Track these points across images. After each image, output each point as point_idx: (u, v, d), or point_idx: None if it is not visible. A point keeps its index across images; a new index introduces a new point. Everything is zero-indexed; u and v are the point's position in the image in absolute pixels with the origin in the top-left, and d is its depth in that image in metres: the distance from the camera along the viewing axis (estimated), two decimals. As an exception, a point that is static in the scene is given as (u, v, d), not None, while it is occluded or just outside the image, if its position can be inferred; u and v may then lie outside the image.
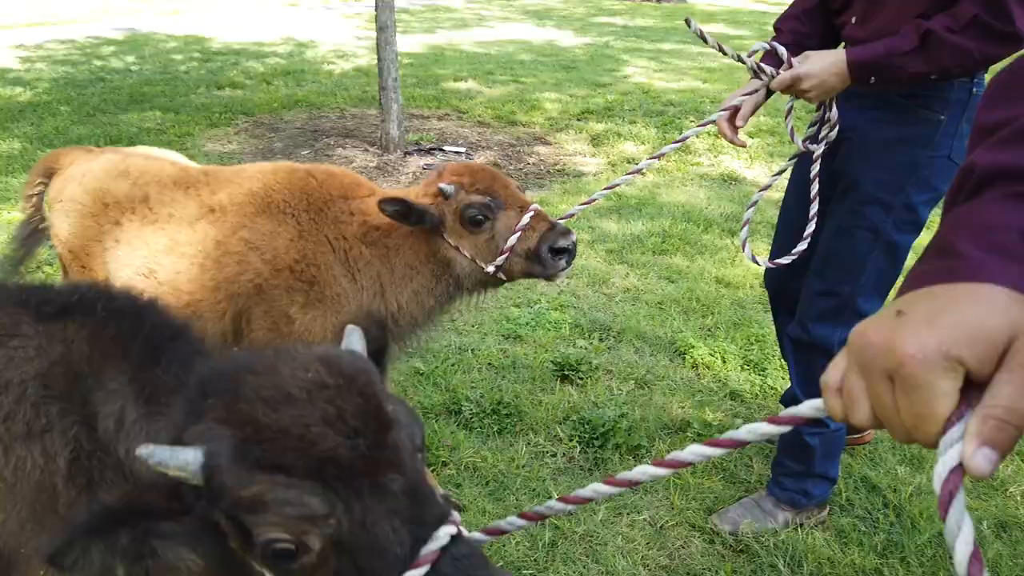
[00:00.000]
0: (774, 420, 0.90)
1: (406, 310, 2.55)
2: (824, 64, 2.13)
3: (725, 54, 2.27)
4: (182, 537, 1.06)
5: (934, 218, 2.83)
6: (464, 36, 15.55)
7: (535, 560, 2.64)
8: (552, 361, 3.82)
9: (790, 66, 2.18)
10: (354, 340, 1.22)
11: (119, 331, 1.31)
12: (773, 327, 3.20)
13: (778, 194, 5.22)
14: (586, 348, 4.01)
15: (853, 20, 2.27)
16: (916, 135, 2.25)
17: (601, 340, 4.11)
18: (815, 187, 2.42)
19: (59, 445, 1.23)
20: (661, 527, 2.82)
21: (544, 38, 15.55)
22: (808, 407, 0.87)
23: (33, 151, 6.88)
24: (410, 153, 7.32)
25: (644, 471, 1.00)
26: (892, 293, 2.43)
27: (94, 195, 2.53)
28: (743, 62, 2.24)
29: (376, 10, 7.04)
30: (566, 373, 3.74)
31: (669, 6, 22.43)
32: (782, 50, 2.21)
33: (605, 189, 2.77)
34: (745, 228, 2.64)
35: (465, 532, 1.08)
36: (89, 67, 10.93)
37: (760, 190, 2.67)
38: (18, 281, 1.95)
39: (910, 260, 2.34)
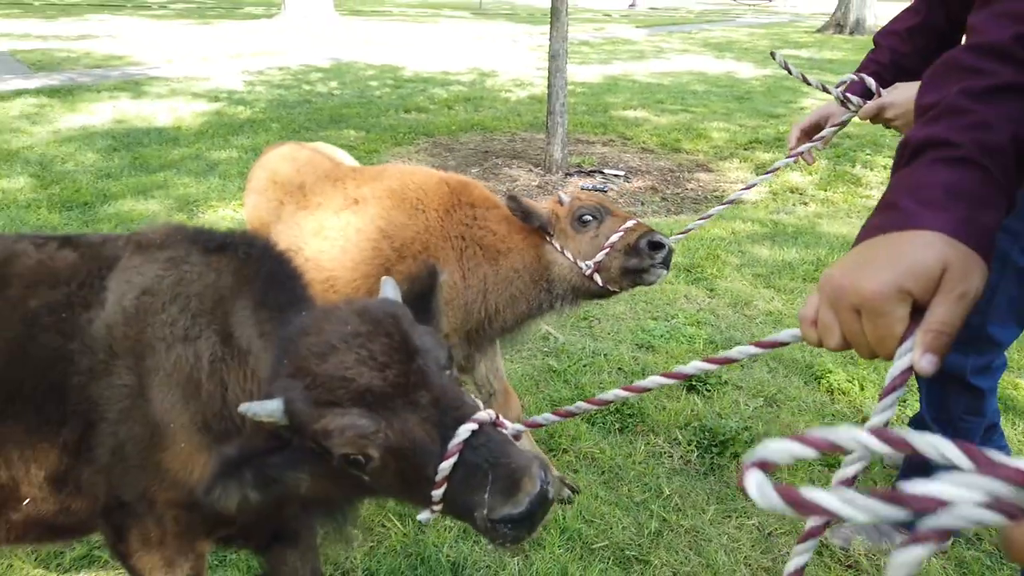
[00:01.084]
0: (759, 344, 1.09)
1: (501, 314, 2.78)
2: (911, 94, 2.11)
3: (810, 84, 2.34)
4: (288, 463, 1.38)
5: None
6: (640, 67, 15.80)
7: (639, 545, 2.78)
8: (682, 371, 3.92)
9: (879, 96, 2.21)
10: (388, 289, 1.53)
11: (252, 270, 1.67)
12: None
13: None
14: (718, 363, 4.06)
15: None
16: None
17: (735, 357, 4.14)
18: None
19: (204, 349, 1.59)
20: (769, 533, 2.85)
21: (722, 70, 15.45)
22: (787, 334, 1.06)
23: (247, 160, 7.93)
24: (571, 174, 7.64)
25: (654, 380, 1.22)
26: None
27: (268, 174, 3.04)
28: (829, 92, 2.29)
29: (550, 39, 7.47)
30: (694, 384, 3.83)
31: (861, 39, 21.42)
32: (870, 81, 2.22)
33: (700, 219, 2.77)
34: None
35: (490, 420, 1.33)
36: (299, 90, 12.31)
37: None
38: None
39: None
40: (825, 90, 2.32)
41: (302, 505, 1.70)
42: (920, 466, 2.69)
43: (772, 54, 2.39)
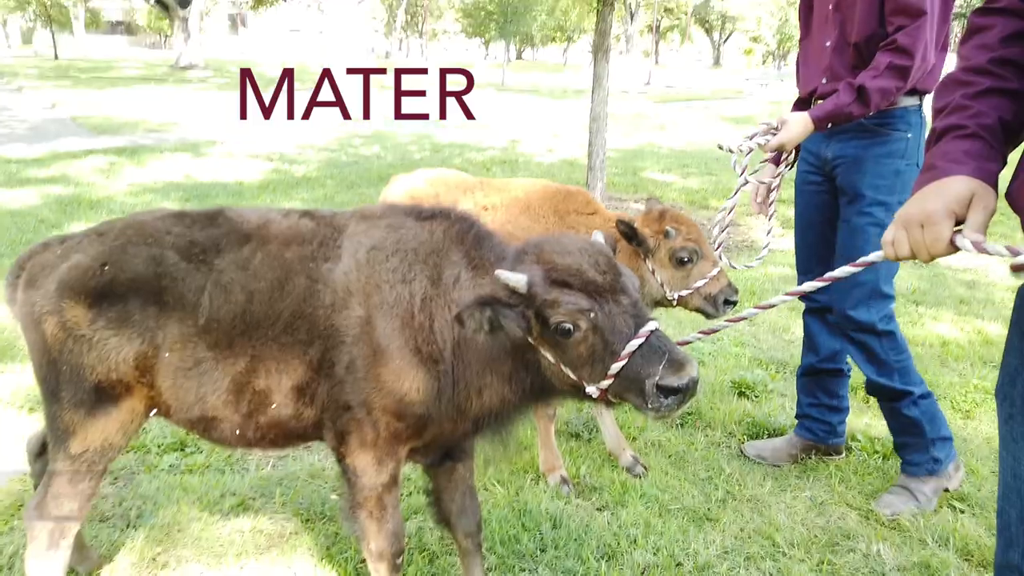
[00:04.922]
0: (854, 264, 1.62)
1: None
2: (796, 128, 3.00)
3: (733, 151, 3.14)
4: (512, 317, 1.89)
5: None
6: (663, 137, 16.68)
7: (708, 508, 3.21)
8: (731, 381, 4.39)
9: (774, 134, 3.04)
10: (599, 237, 2.10)
11: (460, 229, 2.20)
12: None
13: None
14: (763, 375, 4.53)
15: None
16: (894, 150, 3.05)
17: (777, 371, 4.61)
18: (772, 209, 3.35)
19: (417, 289, 2.09)
20: (822, 503, 3.27)
21: (740, 140, 16.26)
22: (873, 256, 1.60)
23: (309, 210, 8.60)
24: (610, 225, 8.24)
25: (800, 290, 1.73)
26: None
27: (406, 191, 3.62)
28: (747, 153, 3.15)
29: (592, 102, 8.21)
30: (743, 391, 4.30)
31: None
32: (757, 134, 3.09)
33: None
34: (720, 242, 3.35)
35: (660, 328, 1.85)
36: (344, 153, 13.17)
37: (723, 225, 3.37)
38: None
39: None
40: (740, 150, 3.12)
41: (475, 423, 2.18)
42: (901, 423, 3.28)
43: (719, 146, 3.17)
